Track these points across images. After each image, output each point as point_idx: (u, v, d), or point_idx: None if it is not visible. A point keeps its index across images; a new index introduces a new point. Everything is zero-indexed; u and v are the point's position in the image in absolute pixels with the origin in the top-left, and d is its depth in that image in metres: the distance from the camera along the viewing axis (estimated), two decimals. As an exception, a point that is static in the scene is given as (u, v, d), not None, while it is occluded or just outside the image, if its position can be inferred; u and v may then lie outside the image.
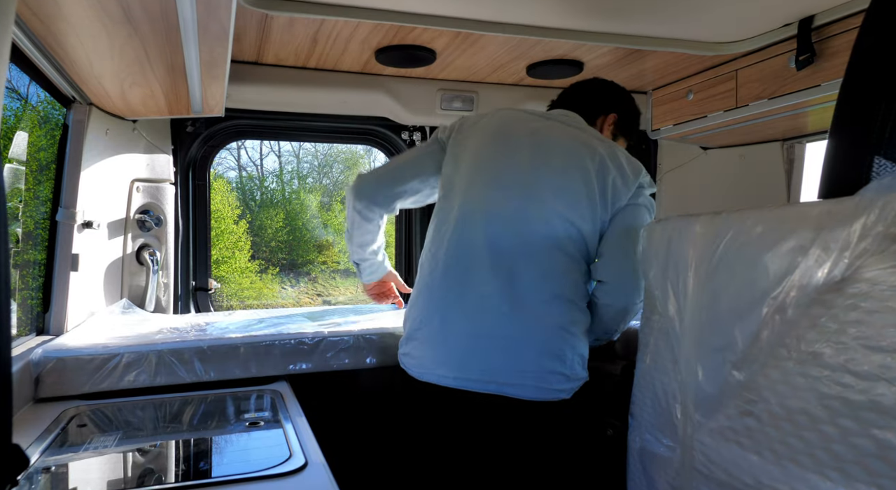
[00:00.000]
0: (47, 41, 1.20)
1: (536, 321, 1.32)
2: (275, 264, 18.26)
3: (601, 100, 1.63)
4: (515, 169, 1.41)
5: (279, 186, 20.62)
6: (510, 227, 1.37)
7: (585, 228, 1.37)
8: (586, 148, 1.41)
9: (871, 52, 0.81)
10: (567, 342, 1.34)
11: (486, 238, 1.37)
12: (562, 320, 1.34)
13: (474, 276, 1.36)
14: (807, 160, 2.14)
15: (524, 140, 1.44)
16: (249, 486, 0.95)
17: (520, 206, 1.38)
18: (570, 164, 1.39)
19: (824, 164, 0.87)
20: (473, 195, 1.42)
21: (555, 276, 1.35)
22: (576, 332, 1.36)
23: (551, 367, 1.32)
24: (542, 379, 1.32)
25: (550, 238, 1.36)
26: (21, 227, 1.54)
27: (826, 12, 1.46)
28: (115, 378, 1.42)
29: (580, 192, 1.37)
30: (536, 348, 1.32)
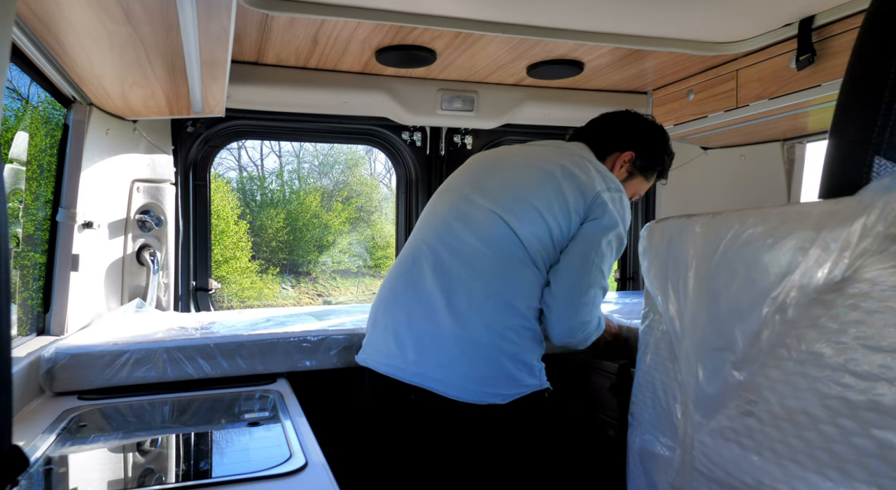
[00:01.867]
0: (48, 41, 1.20)
1: (468, 321, 1.30)
2: (275, 264, 18.27)
3: (618, 134, 1.57)
4: (470, 179, 1.48)
5: (279, 186, 20.63)
6: (455, 230, 1.39)
7: (530, 233, 1.34)
8: (546, 160, 1.42)
9: (872, 52, 0.81)
10: (501, 347, 1.30)
11: (435, 240, 1.41)
12: (496, 324, 1.30)
13: (419, 274, 1.39)
14: (807, 160, 2.14)
15: (496, 161, 1.50)
16: (249, 486, 0.95)
17: (465, 210, 1.40)
18: (524, 172, 1.41)
19: (824, 164, 0.87)
20: (433, 204, 1.52)
21: (493, 278, 1.32)
22: (513, 337, 1.31)
23: (480, 369, 1.29)
24: (468, 379, 1.29)
25: (492, 241, 1.34)
26: (21, 228, 1.54)
27: (826, 12, 1.46)
28: (125, 374, 1.45)
29: (527, 198, 1.36)
30: (465, 349, 1.29)
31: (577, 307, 1.34)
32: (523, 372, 1.31)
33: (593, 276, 1.35)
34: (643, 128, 1.59)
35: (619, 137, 1.56)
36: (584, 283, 1.34)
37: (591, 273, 1.34)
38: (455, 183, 1.52)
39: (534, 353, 1.35)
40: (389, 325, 1.40)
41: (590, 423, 1.80)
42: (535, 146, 1.52)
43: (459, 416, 1.30)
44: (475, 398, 1.28)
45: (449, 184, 1.54)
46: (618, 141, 1.56)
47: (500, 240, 1.34)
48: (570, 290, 1.34)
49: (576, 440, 1.87)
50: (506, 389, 1.29)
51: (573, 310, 1.34)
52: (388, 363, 1.38)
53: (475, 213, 1.38)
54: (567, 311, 1.34)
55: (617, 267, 2.80)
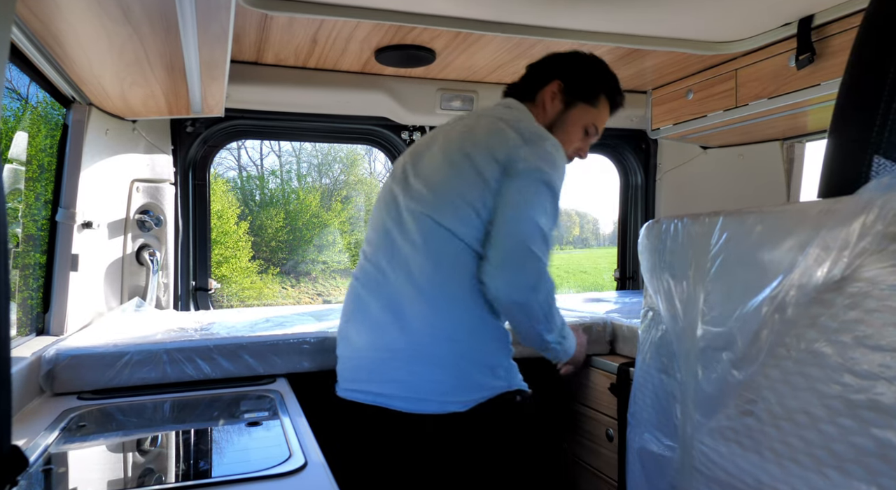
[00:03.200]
0: (47, 41, 1.20)
1: (418, 332, 1.24)
2: (275, 264, 18.27)
3: (539, 73, 1.50)
4: (400, 181, 1.41)
5: (279, 186, 20.62)
6: (394, 238, 1.34)
7: (465, 224, 1.26)
8: (461, 140, 1.35)
9: (871, 52, 0.81)
10: (456, 351, 1.23)
11: (379, 254, 1.37)
12: (446, 327, 1.24)
13: (367, 294, 1.37)
14: (807, 160, 2.14)
15: (419, 156, 1.43)
16: (249, 486, 0.95)
17: (401, 218, 1.35)
18: (443, 163, 1.34)
19: (824, 164, 0.87)
20: (377, 211, 1.47)
21: (436, 281, 1.25)
22: (465, 338, 1.24)
23: (438, 377, 1.23)
24: (429, 391, 1.23)
25: (430, 244, 1.28)
26: (21, 228, 1.54)
27: (826, 12, 1.46)
28: (126, 375, 1.45)
29: (453, 192, 1.29)
30: (421, 360, 1.23)
31: (510, 260, 1.22)
32: (485, 374, 1.25)
33: (520, 226, 1.23)
34: (564, 56, 1.52)
35: (541, 73, 1.49)
36: (513, 234, 1.23)
37: (515, 223, 1.23)
38: (389, 186, 1.46)
39: (496, 354, 1.29)
40: (345, 350, 1.41)
41: (590, 423, 1.80)
42: (456, 124, 1.43)
43: (420, 429, 1.26)
44: (435, 408, 1.23)
45: (386, 187, 1.48)
46: (541, 77, 1.49)
47: (438, 241, 1.28)
48: (501, 245, 1.23)
49: (575, 440, 1.87)
50: (465, 395, 1.23)
51: (506, 263, 1.22)
52: (350, 388, 1.37)
53: (410, 218, 1.33)
54: (500, 265, 1.22)
55: (616, 266, 2.80)
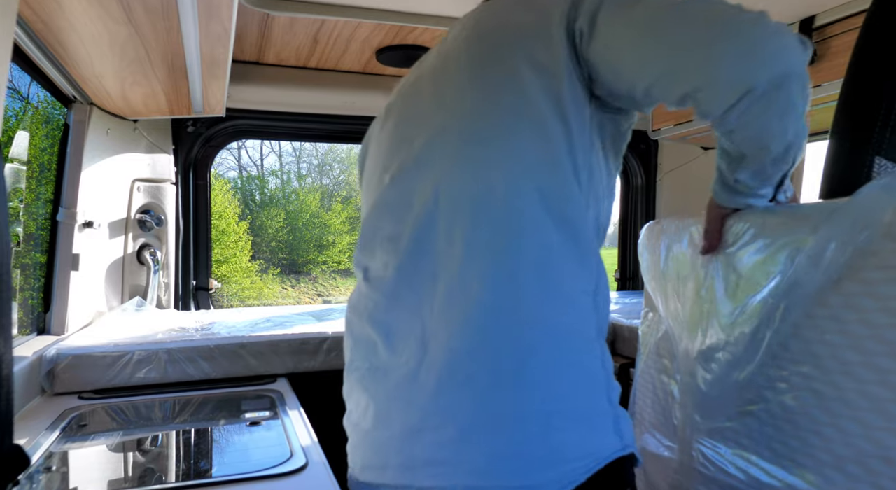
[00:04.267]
0: (49, 41, 1.20)
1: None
2: (275, 264, 18.28)
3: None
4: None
5: (279, 186, 20.63)
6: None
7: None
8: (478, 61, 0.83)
9: (872, 53, 0.81)
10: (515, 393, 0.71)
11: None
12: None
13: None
14: (807, 160, 2.14)
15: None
16: (250, 485, 0.95)
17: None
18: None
19: (825, 164, 0.87)
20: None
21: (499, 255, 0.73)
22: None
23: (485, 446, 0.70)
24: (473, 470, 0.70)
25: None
26: (22, 227, 1.54)
27: (827, 12, 1.46)
28: (126, 374, 1.45)
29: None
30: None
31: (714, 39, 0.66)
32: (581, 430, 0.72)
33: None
34: None
35: None
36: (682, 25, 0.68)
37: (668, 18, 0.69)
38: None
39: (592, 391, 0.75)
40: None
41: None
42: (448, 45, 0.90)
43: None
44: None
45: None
46: None
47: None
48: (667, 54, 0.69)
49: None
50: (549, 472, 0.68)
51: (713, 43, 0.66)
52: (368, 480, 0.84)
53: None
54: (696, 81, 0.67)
55: (617, 267, 2.81)
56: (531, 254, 0.72)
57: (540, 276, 0.72)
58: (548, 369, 0.69)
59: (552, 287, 0.72)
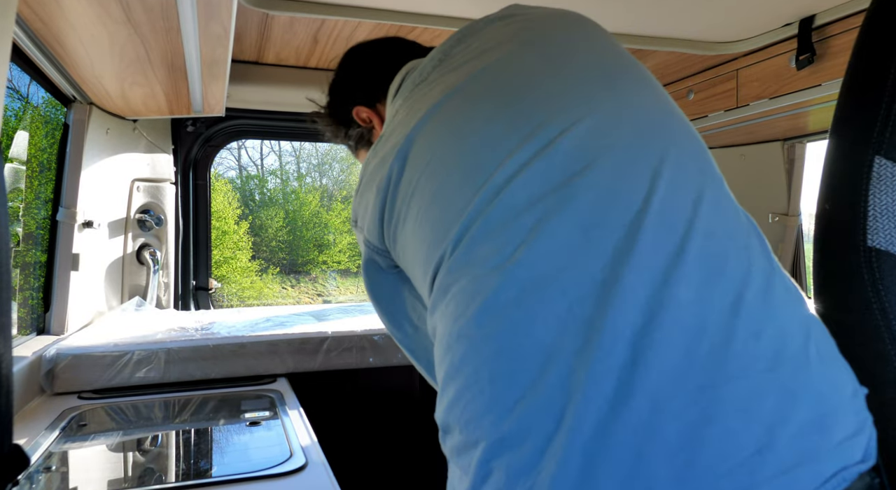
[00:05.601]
0: (48, 41, 1.20)
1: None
2: (275, 264, 18.29)
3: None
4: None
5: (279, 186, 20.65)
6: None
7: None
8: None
9: (872, 52, 0.81)
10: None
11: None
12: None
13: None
14: (807, 160, 2.14)
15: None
16: (249, 485, 0.95)
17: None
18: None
19: (825, 164, 0.87)
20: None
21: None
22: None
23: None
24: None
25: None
26: (21, 227, 1.54)
27: (827, 12, 1.46)
28: (126, 374, 1.45)
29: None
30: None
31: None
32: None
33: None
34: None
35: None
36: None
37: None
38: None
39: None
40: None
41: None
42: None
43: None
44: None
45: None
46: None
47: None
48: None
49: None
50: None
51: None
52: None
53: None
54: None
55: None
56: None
57: None
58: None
59: None
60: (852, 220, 0.78)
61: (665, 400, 0.49)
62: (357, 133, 1.08)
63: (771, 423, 0.49)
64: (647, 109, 0.66)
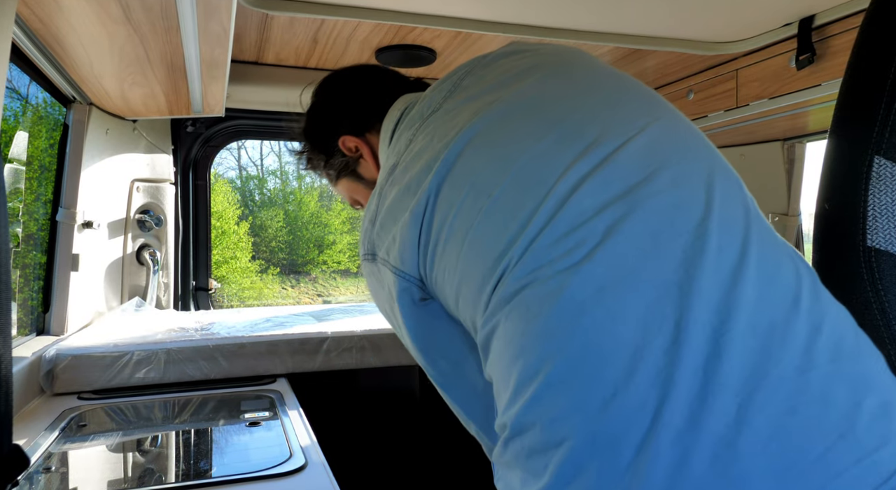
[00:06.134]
0: (47, 41, 1.20)
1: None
2: (275, 264, 18.29)
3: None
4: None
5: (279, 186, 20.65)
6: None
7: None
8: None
9: (872, 52, 0.81)
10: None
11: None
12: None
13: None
14: (807, 160, 2.14)
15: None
16: (249, 485, 0.95)
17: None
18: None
19: (824, 164, 0.87)
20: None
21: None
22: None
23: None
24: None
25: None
26: (21, 228, 1.54)
27: (826, 12, 1.46)
28: (126, 375, 1.45)
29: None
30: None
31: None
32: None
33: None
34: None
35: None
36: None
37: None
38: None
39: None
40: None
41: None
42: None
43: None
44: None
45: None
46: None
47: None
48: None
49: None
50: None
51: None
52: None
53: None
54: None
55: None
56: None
57: None
58: None
59: None
60: (852, 219, 0.78)
61: (749, 393, 0.51)
62: (341, 162, 1.06)
63: (846, 411, 0.51)
64: (682, 128, 0.72)
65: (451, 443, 1.83)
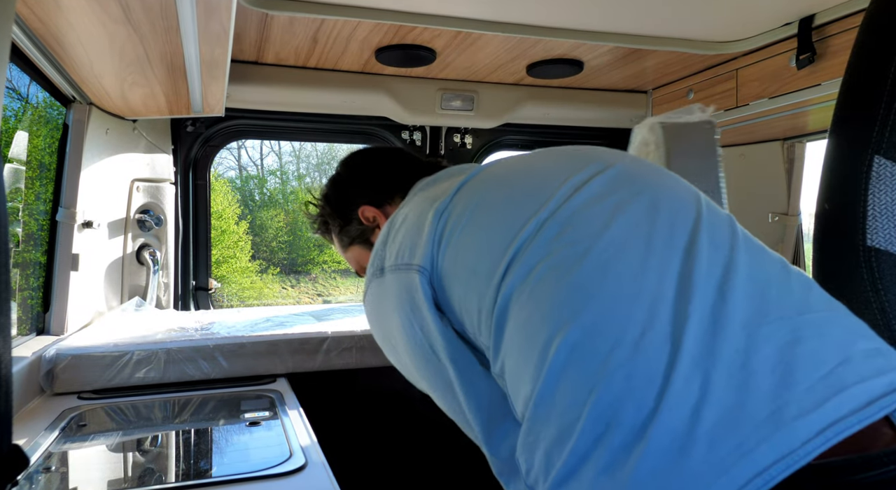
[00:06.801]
0: (47, 41, 1.20)
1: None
2: (275, 264, 18.29)
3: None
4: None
5: (279, 186, 20.64)
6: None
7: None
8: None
9: (872, 52, 0.81)
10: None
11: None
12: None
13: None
14: (807, 160, 2.14)
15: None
16: (249, 485, 0.95)
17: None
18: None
19: (824, 164, 0.87)
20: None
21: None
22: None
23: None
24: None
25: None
26: (21, 228, 1.54)
27: (826, 11, 1.46)
28: (126, 375, 1.45)
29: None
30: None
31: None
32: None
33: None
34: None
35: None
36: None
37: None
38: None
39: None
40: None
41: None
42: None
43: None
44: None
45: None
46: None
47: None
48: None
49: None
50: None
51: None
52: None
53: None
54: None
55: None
56: None
57: None
58: None
59: None
60: (852, 219, 0.78)
61: (755, 326, 0.60)
62: (357, 230, 1.16)
63: (844, 345, 0.60)
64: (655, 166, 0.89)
65: (451, 443, 1.84)
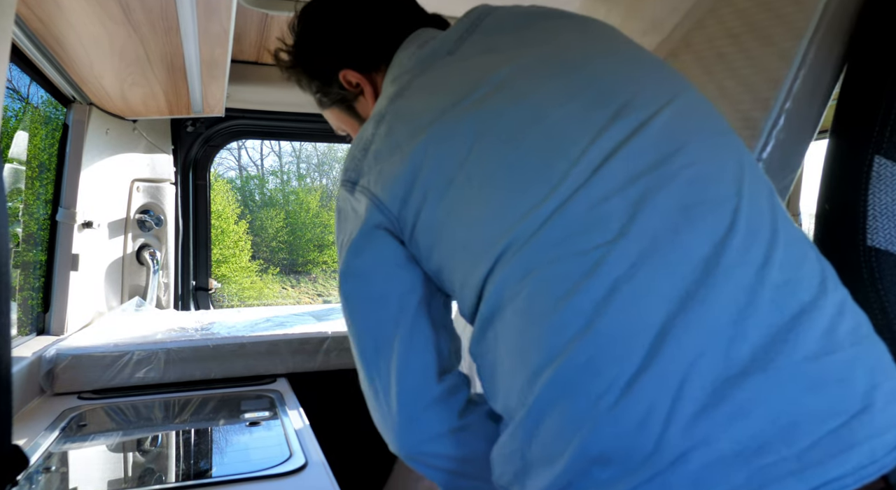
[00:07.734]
0: (47, 41, 1.20)
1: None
2: (275, 264, 18.29)
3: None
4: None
5: (279, 186, 20.65)
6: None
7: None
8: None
9: (871, 51, 0.81)
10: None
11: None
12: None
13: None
14: (807, 159, 2.14)
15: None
16: (249, 485, 0.95)
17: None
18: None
19: (824, 163, 0.87)
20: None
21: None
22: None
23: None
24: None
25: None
26: (21, 227, 1.54)
27: (826, 12, 1.46)
28: (126, 375, 1.45)
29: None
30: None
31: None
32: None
33: None
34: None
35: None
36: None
37: None
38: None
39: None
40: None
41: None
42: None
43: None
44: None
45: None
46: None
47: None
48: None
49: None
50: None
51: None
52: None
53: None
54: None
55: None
56: None
57: None
58: None
59: None
60: (852, 219, 0.78)
61: (783, 333, 0.54)
62: (338, 95, 0.93)
63: (865, 391, 0.54)
64: (704, 104, 0.71)
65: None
